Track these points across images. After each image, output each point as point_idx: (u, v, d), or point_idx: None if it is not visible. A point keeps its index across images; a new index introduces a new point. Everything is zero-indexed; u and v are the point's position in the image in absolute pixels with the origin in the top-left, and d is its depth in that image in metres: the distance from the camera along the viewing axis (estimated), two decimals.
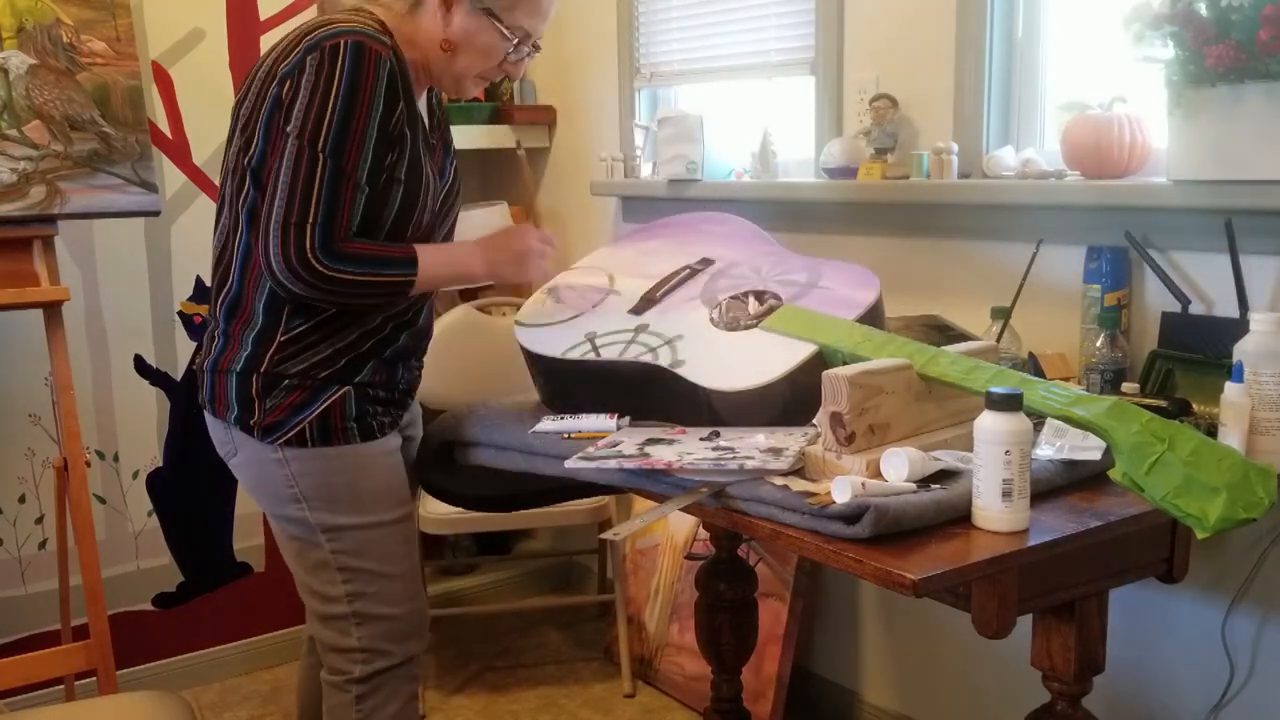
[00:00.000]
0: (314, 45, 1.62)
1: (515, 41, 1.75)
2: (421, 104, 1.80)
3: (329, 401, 1.72)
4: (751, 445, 1.50)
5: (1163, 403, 1.65)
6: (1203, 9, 1.64)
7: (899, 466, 1.37)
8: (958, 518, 1.34)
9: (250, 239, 1.69)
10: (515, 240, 1.84)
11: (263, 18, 2.84)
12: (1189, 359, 1.77)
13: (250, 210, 1.67)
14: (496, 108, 3.19)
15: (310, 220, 1.60)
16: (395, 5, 1.72)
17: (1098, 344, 1.86)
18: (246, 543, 2.98)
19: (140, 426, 2.80)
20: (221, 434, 1.78)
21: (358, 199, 1.64)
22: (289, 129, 1.61)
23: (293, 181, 1.61)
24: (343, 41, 1.61)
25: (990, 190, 2.06)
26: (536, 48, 1.81)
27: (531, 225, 1.91)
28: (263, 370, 1.71)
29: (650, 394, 1.71)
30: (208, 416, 1.80)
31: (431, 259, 1.72)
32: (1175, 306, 1.85)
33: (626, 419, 1.72)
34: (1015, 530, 1.30)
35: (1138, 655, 2.03)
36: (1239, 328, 1.63)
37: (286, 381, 1.71)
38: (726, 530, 2.21)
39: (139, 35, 2.63)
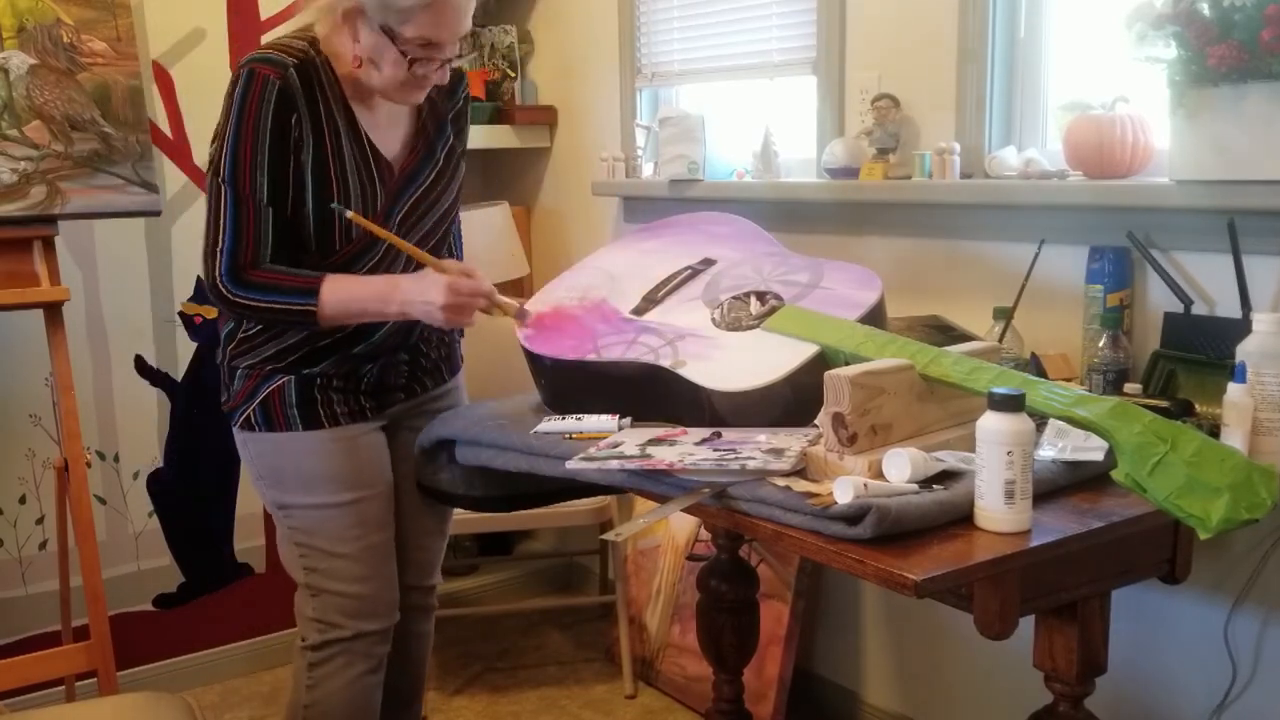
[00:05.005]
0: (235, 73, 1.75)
1: (413, 57, 1.72)
2: (384, 114, 1.83)
3: (269, 390, 1.84)
4: (753, 446, 1.50)
5: (1165, 403, 1.65)
6: (1205, 9, 1.64)
7: (901, 467, 1.36)
8: (960, 518, 1.33)
9: None
10: (431, 291, 1.74)
11: (263, 18, 2.84)
12: (1191, 359, 1.77)
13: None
14: (497, 108, 3.19)
15: (218, 248, 1.73)
16: (320, 27, 1.76)
17: (1100, 344, 1.86)
18: (247, 543, 2.98)
19: (141, 427, 2.80)
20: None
21: (261, 223, 1.73)
22: (210, 153, 1.76)
23: (208, 209, 1.75)
24: (241, 71, 1.72)
25: (992, 190, 2.06)
26: (460, 53, 1.80)
27: (462, 279, 1.75)
28: (228, 362, 1.88)
29: (652, 394, 1.71)
30: None
31: (339, 292, 1.75)
32: (1178, 307, 1.85)
33: (628, 419, 1.72)
34: (1017, 531, 1.30)
35: (1140, 656, 2.03)
36: (1241, 328, 1.63)
37: (241, 371, 1.86)
38: (728, 531, 2.21)
39: (139, 35, 2.62)
